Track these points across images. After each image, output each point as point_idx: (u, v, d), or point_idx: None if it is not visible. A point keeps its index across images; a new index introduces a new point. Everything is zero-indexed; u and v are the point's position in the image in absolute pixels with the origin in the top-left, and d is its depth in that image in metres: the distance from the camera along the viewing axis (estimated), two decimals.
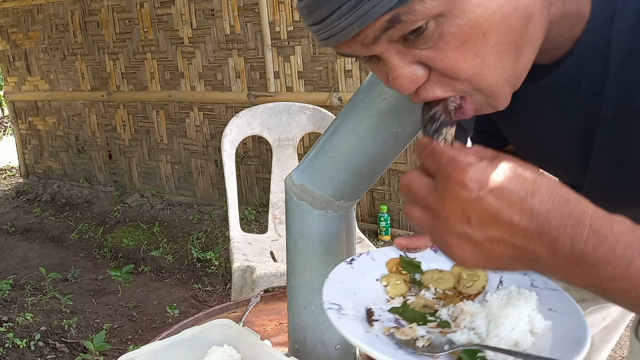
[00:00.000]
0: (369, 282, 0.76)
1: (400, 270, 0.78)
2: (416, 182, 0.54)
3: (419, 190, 0.54)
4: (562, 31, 0.62)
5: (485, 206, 0.49)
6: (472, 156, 0.51)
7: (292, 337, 1.00)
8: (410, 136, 0.86)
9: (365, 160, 0.87)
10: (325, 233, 0.91)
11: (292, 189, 0.92)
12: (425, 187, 0.53)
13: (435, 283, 0.76)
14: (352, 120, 0.86)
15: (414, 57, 0.56)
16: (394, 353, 0.62)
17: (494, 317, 0.67)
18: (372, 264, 0.79)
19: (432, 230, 0.54)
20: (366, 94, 0.84)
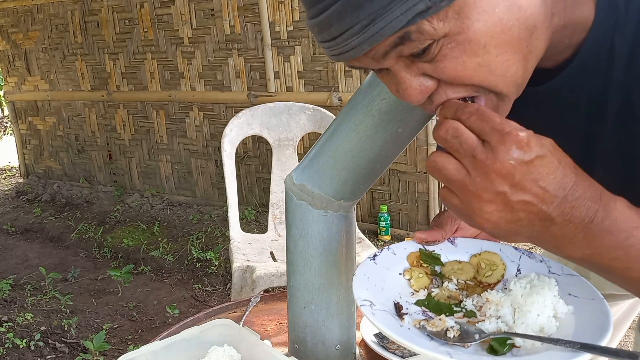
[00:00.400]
0: (394, 277, 0.78)
1: (421, 264, 0.79)
2: (465, 134, 0.55)
3: (467, 141, 0.54)
4: (563, 39, 0.63)
5: (532, 170, 0.52)
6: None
7: (292, 337, 1.00)
8: (410, 136, 0.86)
9: (365, 160, 0.87)
10: (325, 233, 0.91)
11: (292, 189, 0.92)
12: (473, 141, 0.54)
13: (456, 274, 0.78)
14: (352, 120, 0.86)
15: (419, 69, 0.58)
16: (430, 345, 0.63)
17: (519, 305, 0.69)
18: (394, 259, 0.80)
19: (464, 186, 0.55)
20: (366, 94, 0.84)
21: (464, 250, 0.80)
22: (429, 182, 3.13)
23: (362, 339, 1.06)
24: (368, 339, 1.04)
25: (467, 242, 0.82)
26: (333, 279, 0.94)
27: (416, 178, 3.19)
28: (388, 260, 0.80)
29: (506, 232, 0.55)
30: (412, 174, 3.20)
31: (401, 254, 0.81)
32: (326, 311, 0.95)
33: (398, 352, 0.99)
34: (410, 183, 3.23)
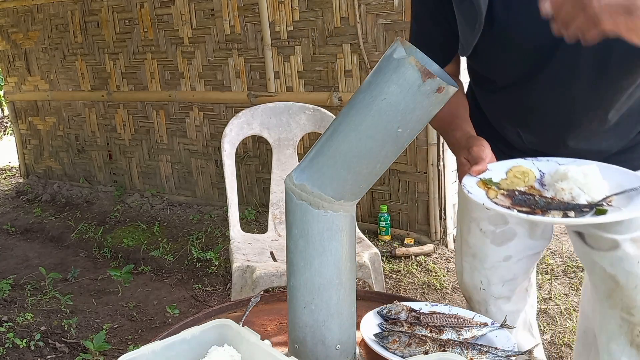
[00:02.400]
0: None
1: (489, 187, 1.01)
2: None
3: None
4: None
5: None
6: None
7: (292, 337, 1.00)
8: (410, 136, 0.86)
9: (365, 160, 0.87)
10: (325, 233, 0.91)
11: (292, 189, 0.92)
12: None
13: (513, 185, 1.02)
14: (352, 120, 0.86)
15: None
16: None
17: (580, 183, 0.96)
18: (473, 190, 1.01)
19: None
20: (366, 93, 0.84)
21: (500, 170, 1.04)
22: (429, 182, 3.13)
23: (362, 339, 1.06)
24: (368, 339, 1.04)
25: (497, 165, 1.05)
26: (333, 279, 0.94)
27: (416, 178, 3.19)
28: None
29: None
30: (412, 174, 3.20)
31: (473, 187, 1.01)
32: (326, 311, 0.95)
33: (398, 352, 0.99)
34: (410, 183, 3.23)
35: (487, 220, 1.31)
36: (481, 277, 1.36)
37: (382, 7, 3.06)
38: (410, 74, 0.79)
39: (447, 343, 1.00)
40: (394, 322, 1.09)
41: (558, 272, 2.96)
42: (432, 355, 0.92)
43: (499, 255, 1.33)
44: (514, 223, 1.29)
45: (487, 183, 1.02)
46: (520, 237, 1.31)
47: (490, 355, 0.99)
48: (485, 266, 1.35)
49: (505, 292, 1.37)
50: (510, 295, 1.39)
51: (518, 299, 1.42)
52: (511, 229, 1.30)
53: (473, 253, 1.37)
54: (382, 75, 0.82)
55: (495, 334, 1.08)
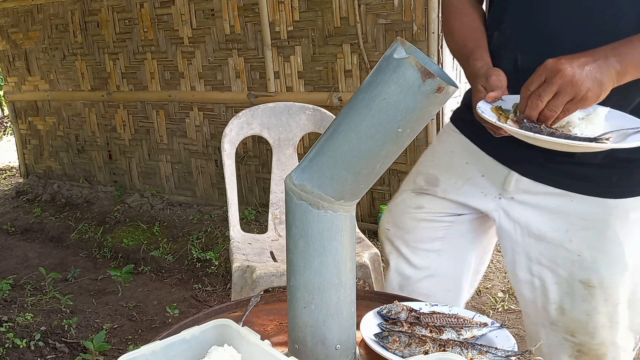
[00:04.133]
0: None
1: (500, 114, 1.05)
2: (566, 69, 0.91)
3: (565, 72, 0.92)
4: None
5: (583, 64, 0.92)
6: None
7: (292, 337, 1.00)
8: (410, 136, 0.86)
9: (365, 160, 0.87)
10: (325, 233, 0.91)
11: (292, 188, 0.92)
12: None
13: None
14: (352, 120, 0.86)
15: None
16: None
17: (584, 120, 1.02)
18: (487, 113, 1.05)
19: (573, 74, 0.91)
20: (366, 93, 0.84)
21: (511, 102, 1.07)
22: None
23: (362, 339, 1.06)
24: (368, 339, 1.04)
25: (510, 97, 1.08)
26: (333, 279, 0.94)
27: None
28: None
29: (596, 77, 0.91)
30: None
31: (487, 110, 1.06)
32: (326, 311, 0.95)
33: (398, 352, 0.99)
34: None
35: (424, 177, 1.39)
36: (389, 216, 1.44)
37: (382, 7, 3.06)
38: (410, 74, 0.79)
39: (447, 343, 1.00)
40: (394, 322, 1.09)
41: None
42: (432, 355, 0.92)
43: (413, 202, 1.40)
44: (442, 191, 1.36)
45: (499, 110, 1.07)
46: (435, 201, 1.38)
47: (490, 355, 0.99)
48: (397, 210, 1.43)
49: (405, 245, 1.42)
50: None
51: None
52: (435, 190, 1.37)
53: (396, 195, 1.45)
54: (382, 75, 0.82)
55: (495, 334, 1.08)
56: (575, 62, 0.91)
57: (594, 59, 0.92)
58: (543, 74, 0.93)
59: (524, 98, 0.96)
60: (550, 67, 0.92)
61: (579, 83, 0.90)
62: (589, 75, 0.90)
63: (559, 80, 0.91)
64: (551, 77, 0.92)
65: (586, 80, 0.90)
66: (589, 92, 0.91)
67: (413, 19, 2.99)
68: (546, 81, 0.92)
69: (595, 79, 0.91)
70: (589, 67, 0.91)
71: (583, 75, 0.90)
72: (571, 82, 0.90)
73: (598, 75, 0.91)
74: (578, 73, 0.90)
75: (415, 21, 2.98)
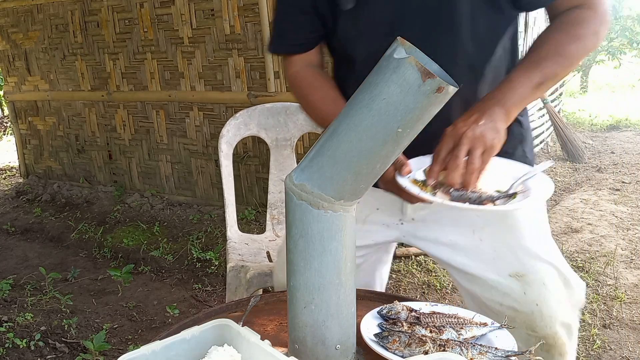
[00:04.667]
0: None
1: (420, 185, 1.09)
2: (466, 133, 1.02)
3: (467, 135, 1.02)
4: None
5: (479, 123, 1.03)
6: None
7: (292, 337, 1.00)
8: (410, 136, 0.86)
9: (365, 160, 0.87)
10: (325, 233, 0.91)
11: (292, 189, 0.92)
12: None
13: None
14: (352, 120, 0.86)
15: None
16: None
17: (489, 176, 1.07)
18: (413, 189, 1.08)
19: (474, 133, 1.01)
20: (366, 93, 0.84)
21: (418, 168, 1.12)
22: None
23: (362, 339, 1.06)
24: (368, 339, 1.04)
25: (413, 163, 1.13)
26: (333, 279, 0.94)
27: None
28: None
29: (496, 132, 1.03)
30: None
31: (412, 186, 1.08)
32: (326, 311, 0.95)
33: (398, 352, 0.99)
34: None
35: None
36: None
37: None
38: (410, 74, 0.79)
39: (447, 343, 1.00)
40: (394, 322, 1.09)
41: None
42: (432, 355, 0.92)
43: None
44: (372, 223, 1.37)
45: (416, 182, 1.11)
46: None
47: (490, 355, 0.99)
48: None
49: None
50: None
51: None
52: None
53: None
54: (382, 75, 0.82)
55: (495, 334, 1.08)
56: (470, 122, 1.02)
57: (482, 114, 1.03)
58: (450, 141, 1.02)
59: (438, 163, 1.03)
60: (454, 133, 1.02)
61: (483, 136, 1.00)
62: (487, 128, 1.01)
63: (466, 140, 1.00)
64: (459, 141, 1.01)
65: (487, 132, 1.01)
66: (494, 141, 1.01)
67: None
68: (455, 145, 1.01)
69: (493, 129, 1.02)
70: (483, 122, 1.02)
71: (482, 129, 1.01)
72: (476, 137, 1.00)
73: (492, 125, 1.02)
74: (477, 130, 1.01)
75: None
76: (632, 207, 3.88)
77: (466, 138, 1.00)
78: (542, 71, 1.06)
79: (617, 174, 4.76)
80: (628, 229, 3.49)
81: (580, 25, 1.09)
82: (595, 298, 2.67)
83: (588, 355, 2.24)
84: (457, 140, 1.01)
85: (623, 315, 2.52)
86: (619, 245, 3.23)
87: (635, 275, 2.89)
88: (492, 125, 1.02)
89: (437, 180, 1.06)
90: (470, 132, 1.00)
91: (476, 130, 1.01)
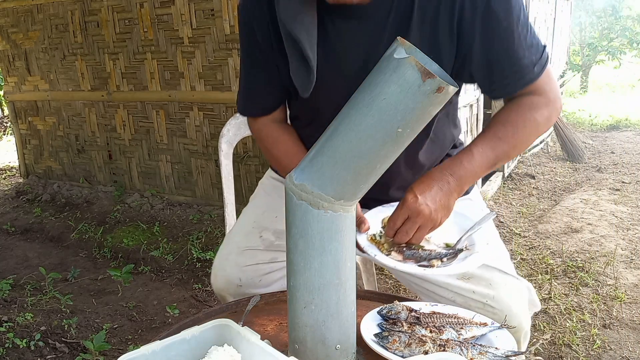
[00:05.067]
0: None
1: (377, 242, 1.19)
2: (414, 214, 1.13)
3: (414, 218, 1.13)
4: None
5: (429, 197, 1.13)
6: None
7: (292, 337, 1.00)
8: (410, 136, 0.86)
9: (365, 160, 0.87)
10: (325, 233, 0.91)
11: (292, 189, 0.92)
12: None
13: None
14: (352, 120, 0.86)
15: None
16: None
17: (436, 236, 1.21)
18: (371, 250, 1.17)
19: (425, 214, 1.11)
20: (366, 93, 0.84)
21: (375, 222, 1.23)
22: None
23: (362, 339, 1.06)
24: (368, 339, 1.04)
25: (370, 216, 1.25)
26: (333, 279, 0.94)
27: None
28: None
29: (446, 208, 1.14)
30: None
31: (369, 246, 1.17)
32: (326, 311, 0.95)
33: (398, 352, 0.99)
34: None
35: (272, 232, 1.45)
36: (240, 274, 1.44)
37: None
38: (410, 74, 0.79)
39: (447, 343, 1.00)
40: (394, 322, 1.09)
41: (558, 272, 2.96)
42: (432, 355, 0.92)
43: (266, 257, 1.46)
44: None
45: (374, 238, 1.19)
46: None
47: (490, 355, 0.99)
48: (249, 263, 1.46)
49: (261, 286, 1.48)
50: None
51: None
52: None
53: (241, 252, 1.46)
54: (382, 75, 0.82)
55: (495, 334, 1.08)
56: (428, 196, 1.11)
57: (439, 187, 1.12)
58: (406, 212, 1.11)
59: (392, 229, 1.13)
60: (412, 208, 1.10)
61: (435, 217, 1.11)
62: (441, 206, 1.11)
63: (420, 219, 1.10)
64: (414, 217, 1.10)
65: (440, 211, 1.11)
66: (442, 219, 1.13)
67: None
68: (409, 218, 1.11)
69: (445, 208, 1.13)
70: (439, 198, 1.11)
71: (437, 207, 1.11)
72: (429, 218, 1.10)
73: (445, 202, 1.12)
74: (433, 209, 1.10)
75: None
76: (632, 207, 3.88)
77: (421, 217, 1.10)
78: (498, 152, 1.16)
79: (617, 174, 4.77)
80: (628, 229, 3.49)
81: (535, 110, 1.17)
82: (595, 298, 2.67)
83: (588, 355, 2.24)
84: (412, 215, 1.10)
85: (623, 315, 2.52)
86: (619, 245, 3.23)
87: (635, 275, 2.89)
88: (445, 203, 1.12)
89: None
90: (427, 210, 1.10)
91: (432, 209, 1.10)
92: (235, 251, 1.47)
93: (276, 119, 1.37)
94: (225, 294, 1.48)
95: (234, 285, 1.46)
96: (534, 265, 3.07)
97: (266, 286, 1.47)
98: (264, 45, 1.24)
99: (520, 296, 1.29)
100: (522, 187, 4.56)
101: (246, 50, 1.31)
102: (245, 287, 1.46)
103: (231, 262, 1.47)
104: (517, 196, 4.34)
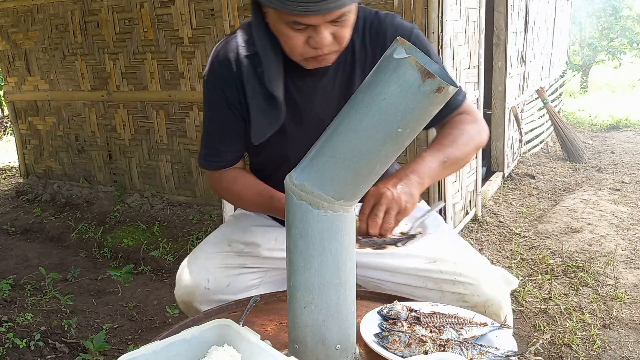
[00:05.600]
0: None
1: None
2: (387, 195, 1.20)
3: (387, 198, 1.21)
4: None
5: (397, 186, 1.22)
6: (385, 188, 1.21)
7: (292, 337, 1.00)
8: (410, 136, 0.86)
9: (365, 160, 0.87)
10: (325, 233, 0.91)
11: (292, 189, 0.92)
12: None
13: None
14: (352, 120, 0.86)
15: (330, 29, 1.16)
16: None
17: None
18: None
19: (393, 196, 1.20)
20: (366, 94, 0.84)
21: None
22: None
23: (362, 339, 1.06)
24: (368, 339, 1.04)
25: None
26: (333, 279, 0.94)
27: None
28: None
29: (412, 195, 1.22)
30: None
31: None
32: (326, 311, 0.95)
33: (398, 352, 0.99)
34: None
35: (241, 242, 1.48)
36: (208, 275, 1.44)
37: (382, 7, 3.06)
38: (410, 73, 0.79)
39: (447, 343, 1.01)
40: (394, 322, 1.09)
41: (558, 272, 2.96)
42: (432, 355, 0.92)
43: (235, 262, 1.47)
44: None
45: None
46: (259, 259, 1.49)
47: (490, 355, 0.99)
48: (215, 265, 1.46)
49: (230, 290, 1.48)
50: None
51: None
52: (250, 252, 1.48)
53: (209, 256, 1.47)
54: (382, 75, 0.82)
55: (495, 334, 1.08)
56: (390, 185, 1.19)
57: (400, 179, 1.21)
58: (371, 199, 1.19)
59: (363, 221, 1.19)
60: (375, 193, 1.18)
61: (399, 199, 1.18)
62: (403, 191, 1.19)
63: (385, 200, 1.17)
64: (379, 200, 1.17)
65: (402, 195, 1.18)
66: (407, 204, 1.19)
67: (413, 19, 2.99)
68: (375, 204, 1.18)
69: (408, 193, 1.20)
70: (400, 186, 1.20)
71: (399, 192, 1.18)
72: (393, 199, 1.17)
73: (407, 190, 1.20)
74: (395, 192, 1.18)
75: (415, 21, 2.98)
76: (632, 207, 3.88)
77: (385, 199, 1.17)
78: (446, 153, 1.30)
79: (617, 174, 4.77)
80: (628, 229, 3.49)
81: (466, 124, 1.38)
82: (595, 298, 2.67)
83: (588, 355, 2.24)
84: (377, 199, 1.18)
85: (623, 315, 2.52)
86: (619, 245, 3.23)
87: (635, 275, 2.89)
88: (407, 190, 1.20)
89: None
90: (389, 193, 1.17)
91: (394, 192, 1.18)
92: (203, 256, 1.46)
93: (236, 167, 1.48)
94: (190, 298, 1.43)
95: (201, 287, 1.41)
96: (534, 265, 3.07)
97: (234, 293, 1.43)
98: (234, 102, 1.36)
99: (486, 268, 1.36)
100: (522, 187, 4.56)
101: (213, 111, 1.41)
102: (212, 291, 1.41)
103: (199, 265, 1.44)
104: (517, 196, 4.34)
